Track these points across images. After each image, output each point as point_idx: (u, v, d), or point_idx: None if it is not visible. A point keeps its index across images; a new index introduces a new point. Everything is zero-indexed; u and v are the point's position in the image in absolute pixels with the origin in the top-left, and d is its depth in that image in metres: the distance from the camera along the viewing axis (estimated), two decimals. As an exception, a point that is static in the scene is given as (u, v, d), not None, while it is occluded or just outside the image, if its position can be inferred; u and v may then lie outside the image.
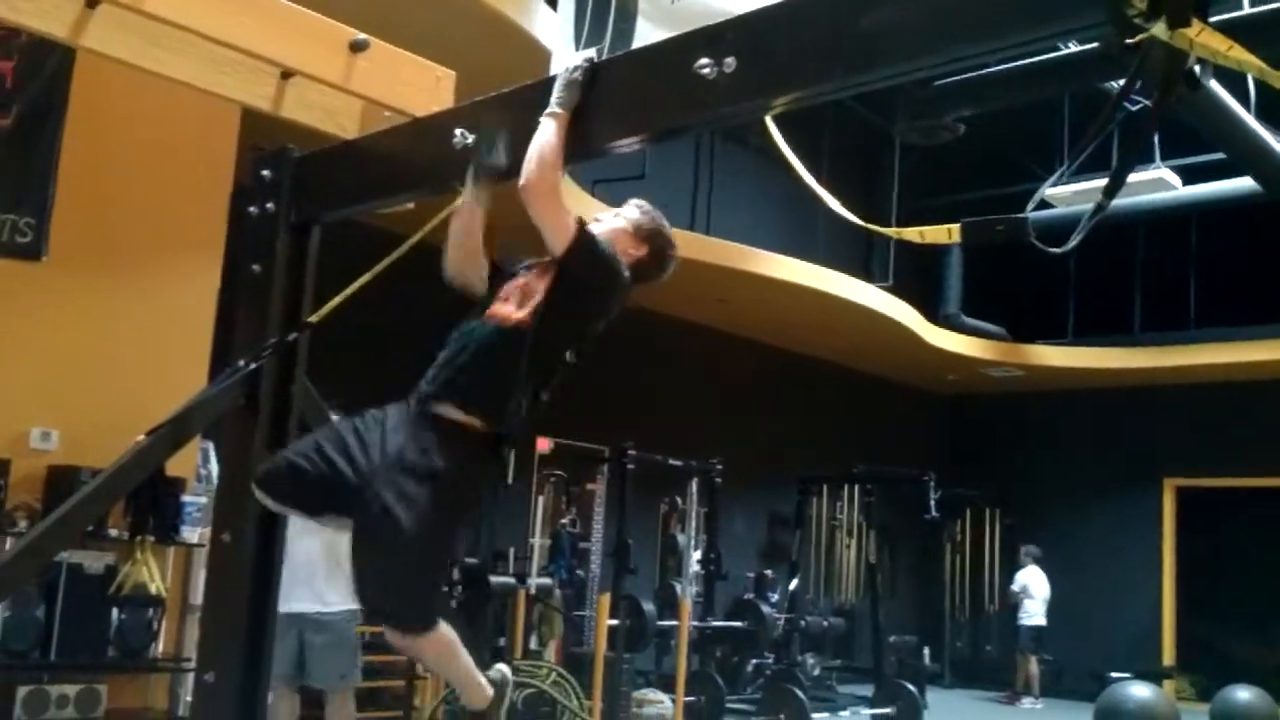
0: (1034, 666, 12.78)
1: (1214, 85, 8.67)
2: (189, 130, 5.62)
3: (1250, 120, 9.66)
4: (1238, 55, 1.88)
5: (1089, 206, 2.11)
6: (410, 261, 3.55)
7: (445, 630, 2.95)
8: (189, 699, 5.08)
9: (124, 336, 5.47)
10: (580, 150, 2.93)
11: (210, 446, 5.80)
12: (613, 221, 3.20)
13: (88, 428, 5.05)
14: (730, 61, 2.51)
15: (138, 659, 4.81)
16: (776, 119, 3.02)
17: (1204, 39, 1.89)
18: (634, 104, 2.78)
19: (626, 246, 3.13)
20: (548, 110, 2.78)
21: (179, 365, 5.45)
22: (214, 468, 5.88)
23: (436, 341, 3.14)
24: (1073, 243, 2.06)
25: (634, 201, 3.33)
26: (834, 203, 2.48)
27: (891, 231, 2.37)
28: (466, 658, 3.06)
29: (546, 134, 2.76)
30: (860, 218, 2.65)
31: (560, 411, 3.96)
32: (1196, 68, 1.96)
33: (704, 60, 2.53)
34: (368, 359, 8.32)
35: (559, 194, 2.85)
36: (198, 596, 5.31)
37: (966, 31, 2.25)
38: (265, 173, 3.61)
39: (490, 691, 3.09)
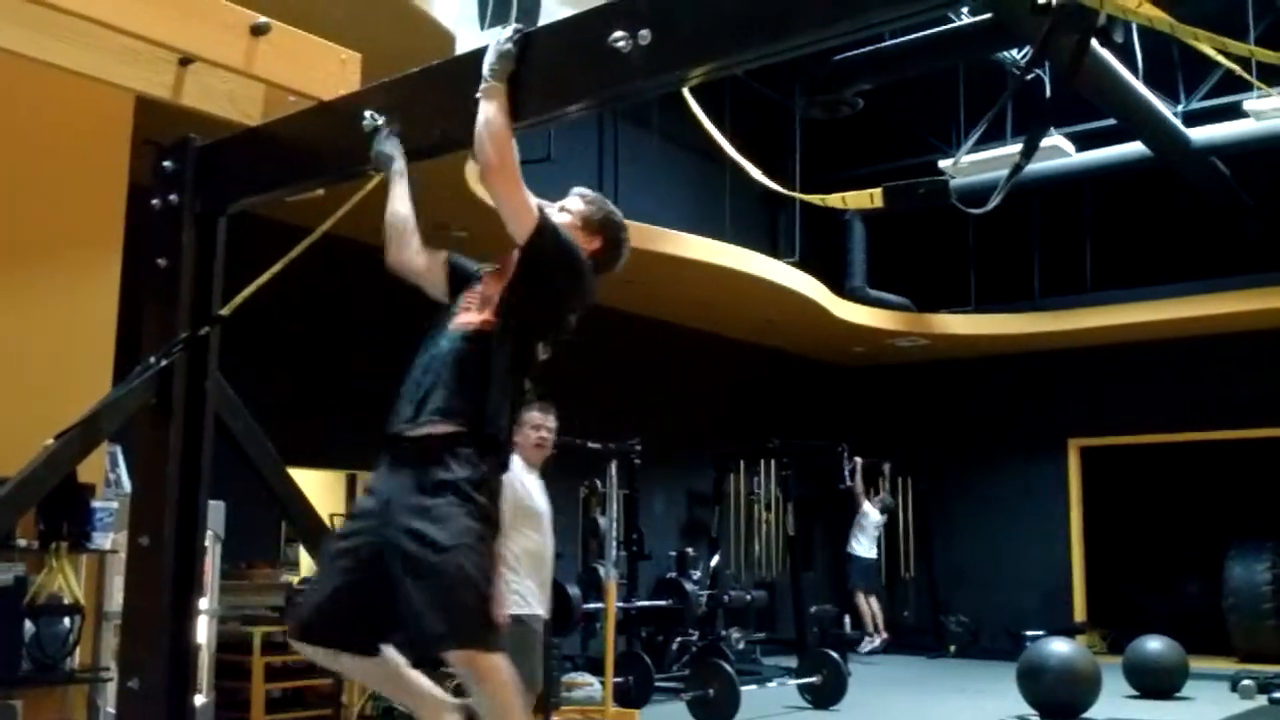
0: (874, 603, 13.09)
1: (1104, 53, 8.87)
2: (79, 123, 5.42)
3: (1139, 86, 9.92)
4: (1147, 11, 1.92)
5: (999, 173, 2.14)
6: (323, 256, 3.49)
7: (507, 663, 2.79)
8: (109, 709, 4.94)
9: (21, 339, 5.27)
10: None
11: (118, 450, 5.64)
12: (559, 217, 3.06)
13: (-13, 436, 4.87)
14: (645, 34, 2.50)
15: (54, 671, 4.66)
16: (676, 99, 3.01)
17: (1114, -3, 1.93)
18: (551, 79, 2.75)
19: (579, 241, 3.02)
20: (484, 85, 2.71)
21: (81, 367, 5.28)
22: (123, 471, 5.72)
23: (349, 336, 3.08)
24: (993, 203, 2.09)
25: (576, 191, 3.22)
26: (758, 173, 2.49)
27: (815, 198, 2.39)
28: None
29: (489, 111, 2.70)
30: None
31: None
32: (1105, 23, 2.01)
33: (619, 33, 2.52)
34: (286, 357, 8.20)
35: (518, 173, 2.77)
36: (112, 604, 5.17)
37: (880, -6, 2.27)
38: (167, 164, 3.52)
39: None
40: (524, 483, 5.23)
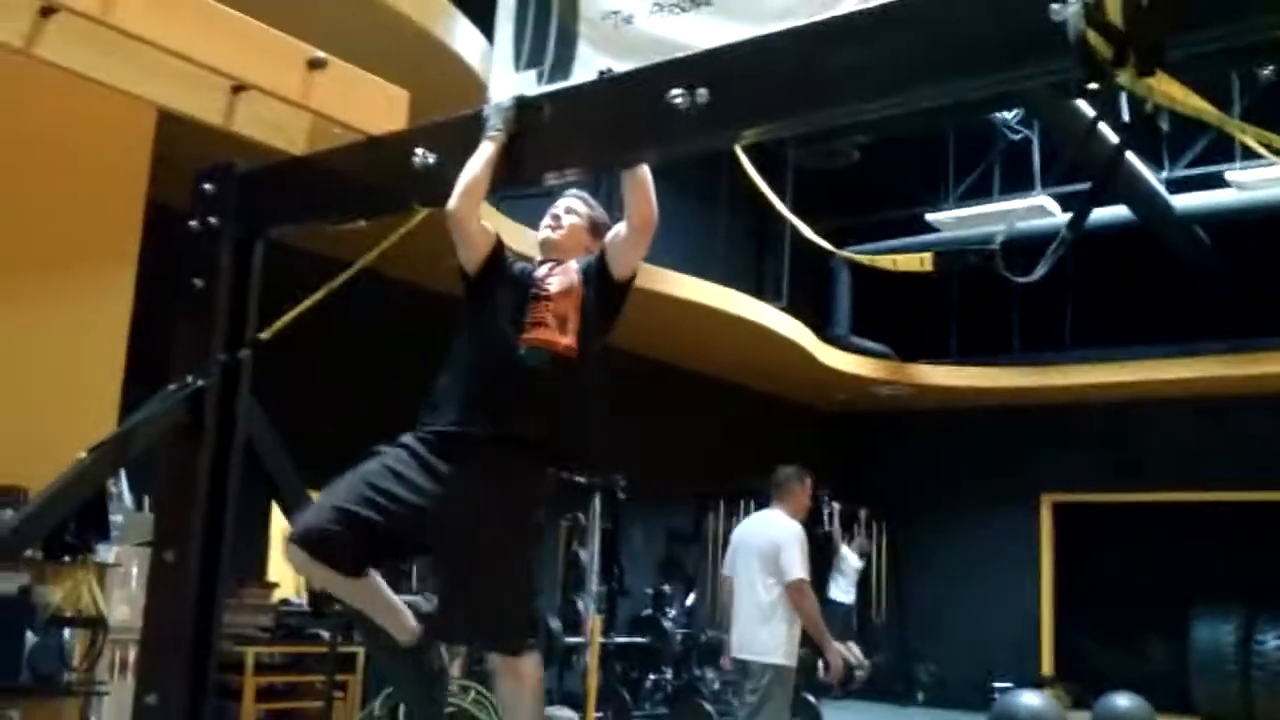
0: (853, 647, 13.01)
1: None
2: (99, 139, 5.47)
3: (1126, 152, 10.12)
4: (1195, 103, 2.04)
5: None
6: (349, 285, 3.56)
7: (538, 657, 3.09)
8: (102, 723, 4.95)
9: (31, 353, 5.29)
10: (531, 175, 3.03)
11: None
12: (570, 220, 3.26)
13: (-3, 446, 4.89)
14: (703, 93, 2.59)
15: (51, 683, 4.66)
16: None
17: (1164, 87, 2.04)
18: (603, 131, 2.85)
19: (589, 245, 3.23)
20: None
21: (91, 381, 5.31)
22: (124, 486, 5.74)
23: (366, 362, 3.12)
24: (1039, 273, 2.20)
25: (572, 193, 3.36)
26: (805, 228, 2.59)
27: (865, 259, 2.50)
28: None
29: (647, 172, 2.94)
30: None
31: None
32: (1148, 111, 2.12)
33: (677, 90, 2.61)
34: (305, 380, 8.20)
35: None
36: (113, 617, 5.19)
37: (932, 72, 2.37)
38: (207, 186, 3.59)
39: None
40: None
